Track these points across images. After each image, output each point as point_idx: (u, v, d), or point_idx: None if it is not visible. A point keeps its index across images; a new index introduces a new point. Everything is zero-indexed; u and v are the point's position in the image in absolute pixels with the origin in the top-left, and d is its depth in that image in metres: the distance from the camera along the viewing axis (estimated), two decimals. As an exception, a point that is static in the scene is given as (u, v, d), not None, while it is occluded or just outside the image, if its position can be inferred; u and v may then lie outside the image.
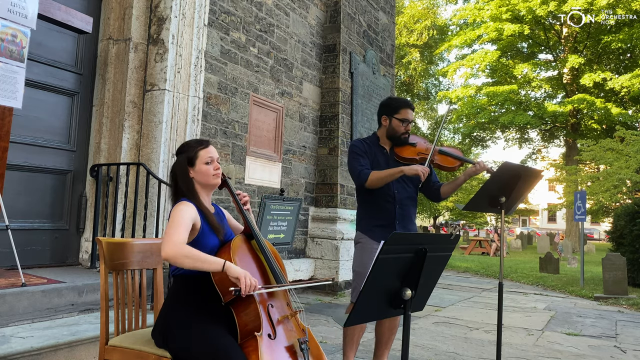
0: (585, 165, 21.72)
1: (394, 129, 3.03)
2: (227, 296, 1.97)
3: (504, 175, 2.85)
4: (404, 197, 3.03)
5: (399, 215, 3.00)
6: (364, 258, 2.97)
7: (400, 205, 3.01)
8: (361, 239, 3.04)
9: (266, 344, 1.91)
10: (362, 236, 3.04)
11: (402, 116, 3.00)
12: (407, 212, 3.05)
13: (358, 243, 3.07)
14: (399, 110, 3.01)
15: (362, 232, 3.05)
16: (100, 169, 4.42)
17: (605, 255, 8.08)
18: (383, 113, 3.08)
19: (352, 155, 3.03)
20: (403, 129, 3.02)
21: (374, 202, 3.02)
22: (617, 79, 20.02)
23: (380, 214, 3.00)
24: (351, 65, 7.22)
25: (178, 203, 2.08)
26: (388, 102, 3.11)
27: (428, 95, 28.72)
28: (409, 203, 3.07)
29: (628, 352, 4.44)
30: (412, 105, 3.08)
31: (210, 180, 2.16)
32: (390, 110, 3.04)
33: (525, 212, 47.24)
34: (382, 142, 3.10)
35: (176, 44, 4.60)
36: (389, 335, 3.09)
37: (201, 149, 2.17)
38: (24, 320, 3.10)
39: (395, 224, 2.99)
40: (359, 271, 2.99)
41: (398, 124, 3.01)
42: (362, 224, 3.08)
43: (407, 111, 3.01)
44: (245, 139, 5.65)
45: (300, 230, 6.63)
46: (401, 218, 3.01)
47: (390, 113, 3.04)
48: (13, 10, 3.23)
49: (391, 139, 3.06)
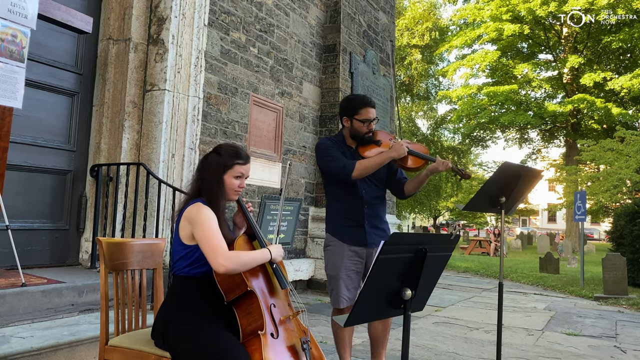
0: (585, 165, 21.70)
1: (356, 130, 2.96)
2: (230, 295, 1.98)
3: (504, 175, 2.85)
4: (371, 196, 2.99)
5: (367, 215, 2.96)
6: (336, 261, 2.94)
7: (369, 205, 2.98)
8: (331, 242, 3.00)
9: (270, 342, 1.92)
10: (331, 239, 3.00)
11: (363, 117, 2.92)
12: (375, 211, 3.01)
13: (328, 246, 3.02)
14: (358, 111, 2.93)
15: (331, 235, 3.01)
16: (100, 169, 4.42)
17: (605, 255, 8.08)
18: (343, 114, 3.00)
19: (326, 152, 2.95)
20: (365, 128, 2.94)
21: (342, 202, 2.98)
22: (617, 79, 20.01)
23: (349, 215, 2.96)
24: (351, 65, 7.22)
25: (201, 206, 2.05)
26: (346, 104, 3.00)
27: (428, 95, 28.73)
28: (377, 202, 3.03)
29: (628, 352, 4.44)
30: (372, 103, 2.98)
31: (230, 195, 2.16)
32: (349, 111, 2.96)
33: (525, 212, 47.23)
34: (349, 142, 3.04)
35: (176, 44, 4.60)
36: (383, 335, 3.07)
37: (239, 164, 2.15)
38: (24, 321, 3.10)
39: (364, 224, 2.95)
40: (331, 275, 2.96)
41: (359, 124, 2.94)
42: (330, 225, 3.03)
43: (367, 110, 2.92)
44: (245, 139, 5.65)
45: (300, 230, 6.63)
46: (370, 218, 2.97)
47: (350, 114, 2.95)
48: (13, 10, 3.23)
49: (355, 139, 3.00)
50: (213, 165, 2.14)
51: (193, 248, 2.06)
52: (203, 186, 2.13)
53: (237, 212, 2.30)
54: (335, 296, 2.94)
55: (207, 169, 2.15)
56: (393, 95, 8.63)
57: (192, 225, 2.02)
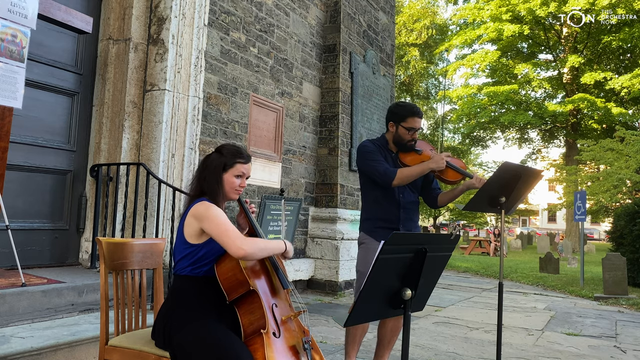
0: (585, 165, 21.72)
1: (400, 137, 3.02)
2: (232, 295, 1.98)
3: (504, 175, 2.85)
4: (408, 201, 3.05)
5: (402, 219, 3.02)
6: (368, 258, 2.97)
7: (404, 209, 3.04)
8: (365, 240, 3.05)
9: (272, 341, 1.92)
10: (365, 237, 3.06)
11: (409, 125, 2.98)
12: (410, 215, 3.08)
13: (362, 244, 3.08)
14: (406, 119, 2.99)
15: (366, 233, 3.06)
16: (100, 169, 4.42)
17: (605, 255, 8.08)
18: (390, 119, 3.07)
19: (368, 155, 3.01)
20: (409, 136, 3.01)
21: (379, 204, 3.03)
22: (617, 79, 20.01)
23: (385, 217, 3.02)
24: (351, 65, 7.22)
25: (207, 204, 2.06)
26: (396, 110, 3.07)
27: (428, 95, 28.72)
28: (412, 207, 3.09)
29: (628, 352, 4.44)
30: (420, 113, 3.05)
31: (230, 193, 2.16)
32: (397, 117, 3.02)
33: (525, 212, 47.24)
34: (390, 147, 3.10)
35: (176, 44, 4.60)
36: (391, 336, 3.09)
37: (240, 163, 2.17)
38: (24, 320, 3.10)
39: (399, 227, 3.01)
40: (362, 271, 3.00)
41: (404, 132, 3.00)
42: (366, 224, 3.09)
43: (414, 120, 2.99)
44: (245, 139, 5.65)
45: (300, 230, 6.63)
46: (405, 222, 3.04)
47: (397, 120, 3.02)
48: (13, 10, 3.23)
49: (397, 145, 3.06)
50: (214, 164, 2.15)
51: (196, 247, 2.06)
52: (204, 185, 2.14)
53: (240, 213, 2.30)
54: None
55: (208, 168, 2.16)
56: (393, 95, 8.63)
57: (201, 221, 2.02)
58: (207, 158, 2.19)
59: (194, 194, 2.16)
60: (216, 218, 2.00)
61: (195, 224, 2.04)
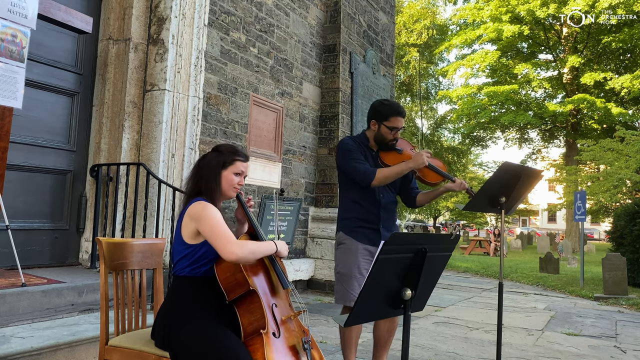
0: (585, 165, 21.71)
1: (382, 135, 2.98)
2: (232, 295, 1.98)
3: (504, 175, 2.85)
4: (388, 201, 3.03)
5: (383, 218, 3.00)
6: (349, 259, 2.94)
7: (385, 209, 3.01)
8: (345, 240, 3.00)
9: (272, 341, 1.92)
10: (345, 237, 3.01)
11: (392, 124, 2.94)
12: (390, 215, 3.06)
13: (342, 244, 3.02)
14: (388, 118, 2.94)
15: (346, 233, 3.01)
16: (100, 169, 4.42)
17: (605, 255, 8.08)
18: (373, 117, 3.02)
19: (348, 154, 2.97)
20: (391, 136, 2.97)
21: (359, 204, 2.99)
22: (617, 79, 20.02)
23: (366, 217, 2.98)
24: (351, 65, 7.22)
25: (203, 203, 2.06)
26: (379, 108, 3.02)
27: (428, 95, 28.72)
28: (392, 207, 3.08)
29: (628, 352, 4.44)
30: (403, 112, 3.00)
31: (229, 191, 2.17)
32: (380, 116, 2.98)
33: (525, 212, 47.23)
34: (371, 145, 3.06)
35: (176, 44, 4.60)
36: (387, 337, 3.08)
37: (239, 160, 2.18)
38: (24, 320, 3.10)
39: (379, 227, 2.98)
40: (344, 272, 2.95)
41: (387, 131, 2.96)
42: (345, 224, 3.04)
43: (397, 119, 2.95)
44: (245, 139, 5.65)
45: (300, 230, 6.63)
46: (385, 221, 3.01)
47: (380, 119, 2.98)
48: (13, 10, 3.23)
49: (378, 143, 3.03)
50: (213, 163, 2.15)
51: (195, 247, 2.06)
52: (202, 184, 2.13)
53: (238, 208, 2.31)
54: (346, 294, 2.93)
55: (206, 167, 2.16)
56: (393, 95, 8.63)
57: (197, 221, 2.02)
58: (204, 157, 2.20)
59: (190, 193, 2.16)
60: (212, 219, 1.99)
61: (191, 224, 2.04)
